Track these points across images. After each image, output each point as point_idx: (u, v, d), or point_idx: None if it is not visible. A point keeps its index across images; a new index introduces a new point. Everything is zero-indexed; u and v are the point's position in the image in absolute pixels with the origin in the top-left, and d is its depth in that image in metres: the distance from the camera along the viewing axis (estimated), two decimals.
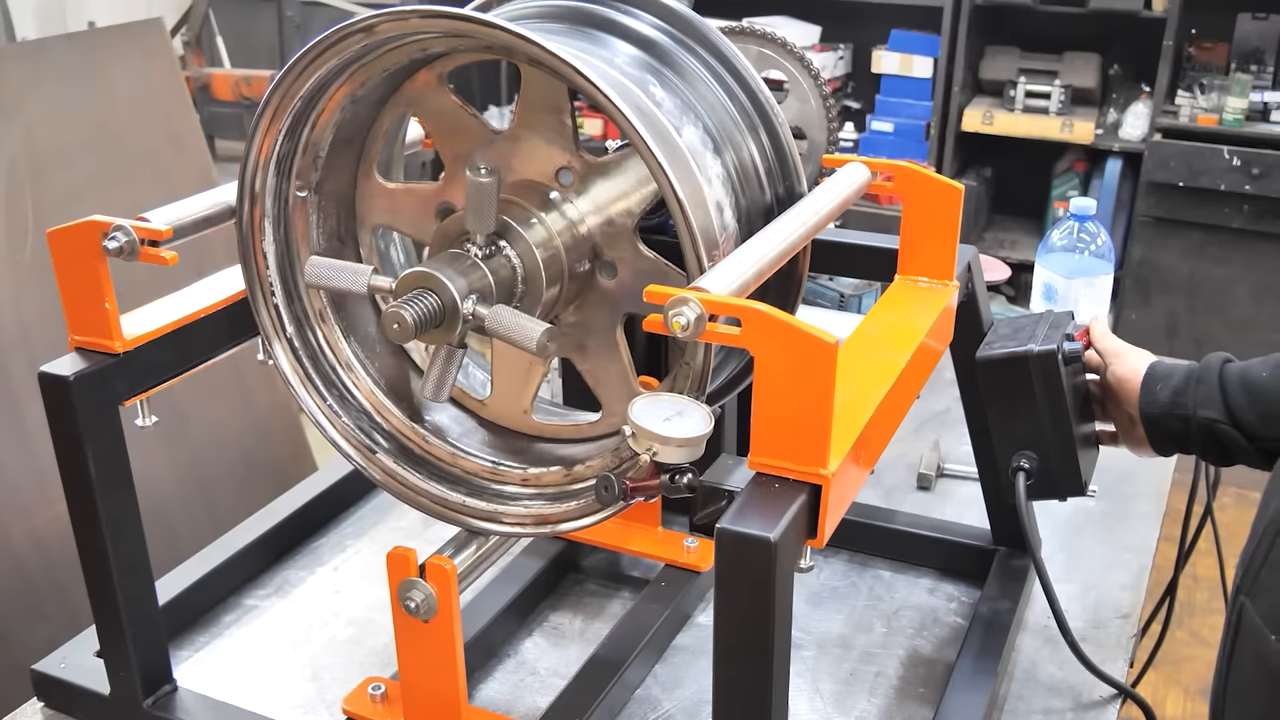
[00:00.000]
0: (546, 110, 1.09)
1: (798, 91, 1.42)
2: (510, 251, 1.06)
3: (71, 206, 2.10)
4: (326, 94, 1.11)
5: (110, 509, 1.18)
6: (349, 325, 1.24)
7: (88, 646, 1.34)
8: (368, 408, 1.24)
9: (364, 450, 1.22)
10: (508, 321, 1.01)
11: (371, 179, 1.22)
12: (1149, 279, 4.14)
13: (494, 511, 1.18)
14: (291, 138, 1.13)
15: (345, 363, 1.24)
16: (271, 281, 1.19)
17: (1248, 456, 1.23)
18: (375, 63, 1.09)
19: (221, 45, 5.40)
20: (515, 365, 1.20)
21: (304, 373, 1.22)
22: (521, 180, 1.12)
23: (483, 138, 1.14)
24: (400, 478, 1.21)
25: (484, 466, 1.21)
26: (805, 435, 0.87)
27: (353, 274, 1.06)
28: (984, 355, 1.31)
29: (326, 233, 1.21)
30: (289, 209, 1.18)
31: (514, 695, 1.35)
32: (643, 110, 1.02)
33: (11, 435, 2.10)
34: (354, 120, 1.17)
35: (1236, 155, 3.87)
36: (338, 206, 1.22)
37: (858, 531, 1.57)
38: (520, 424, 1.24)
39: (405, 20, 1.00)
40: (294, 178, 1.16)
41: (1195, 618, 3.12)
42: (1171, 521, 1.68)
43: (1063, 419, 1.29)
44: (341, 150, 1.18)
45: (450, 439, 1.23)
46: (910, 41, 4.49)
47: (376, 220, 1.24)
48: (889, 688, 1.36)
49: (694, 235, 0.96)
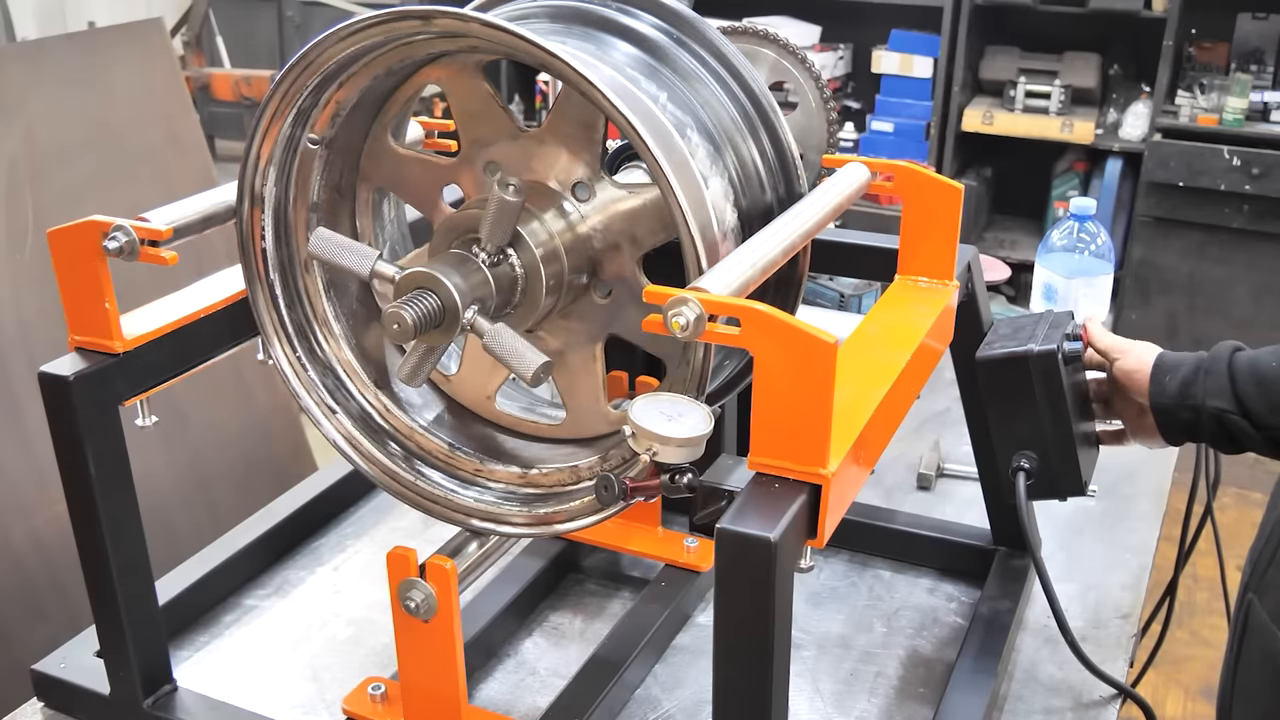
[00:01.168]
0: (578, 123, 1.09)
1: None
2: (516, 261, 1.06)
3: (71, 206, 2.10)
4: (361, 62, 1.10)
5: (110, 509, 1.18)
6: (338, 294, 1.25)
7: (88, 646, 1.34)
8: (336, 367, 1.24)
9: (326, 410, 1.22)
10: (507, 344, 1.01)
11: (382, 140, 1.20)
12: (1149, 279, 4.14)
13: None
14: (317, 95, 1.12)
15: (322, 319, 1.24)
16: (265, 234, 1.18)
17: (1257, 445, 1.22)
18: (391, 54, 1.09)
19: (221, 45, 5.41)
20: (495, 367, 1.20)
21: (281, 326, 1.21)
22: (536, 183, 1.11)
23: (507, 131, 1.13)
24: (364, 449, 1.21)
25: (440, 447, 1.21)
26: (805, 435, 0.87)
27: (358, 255, 1.05)
28: (984, 355, 1.31)
29: (329, 185, 1.20)
30: (297, 157, 1.16)
31: (514, 695, 1.35)
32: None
33: (11, 435, 2.10)
34: (382, 85, 1.16)
35: (1236, 155, 3.87)
36: (343, 159, 1.21)
37: (858, 531, 1.57)
38: (482, 408, 1.24)
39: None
40: (309, 129, 1.15)
41: (1195, 618, 3.12)
42: (1171, 521, 1.68)
43: (1063, 419, 1.29)
44: (361, 109, 1.17)
45: (411, 411, 1.23)
46: (910, 41, 4.49)
47: (380, 182, 1.23)
48: (889, 688, 1.36)
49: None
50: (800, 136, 1.42)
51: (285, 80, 1.08)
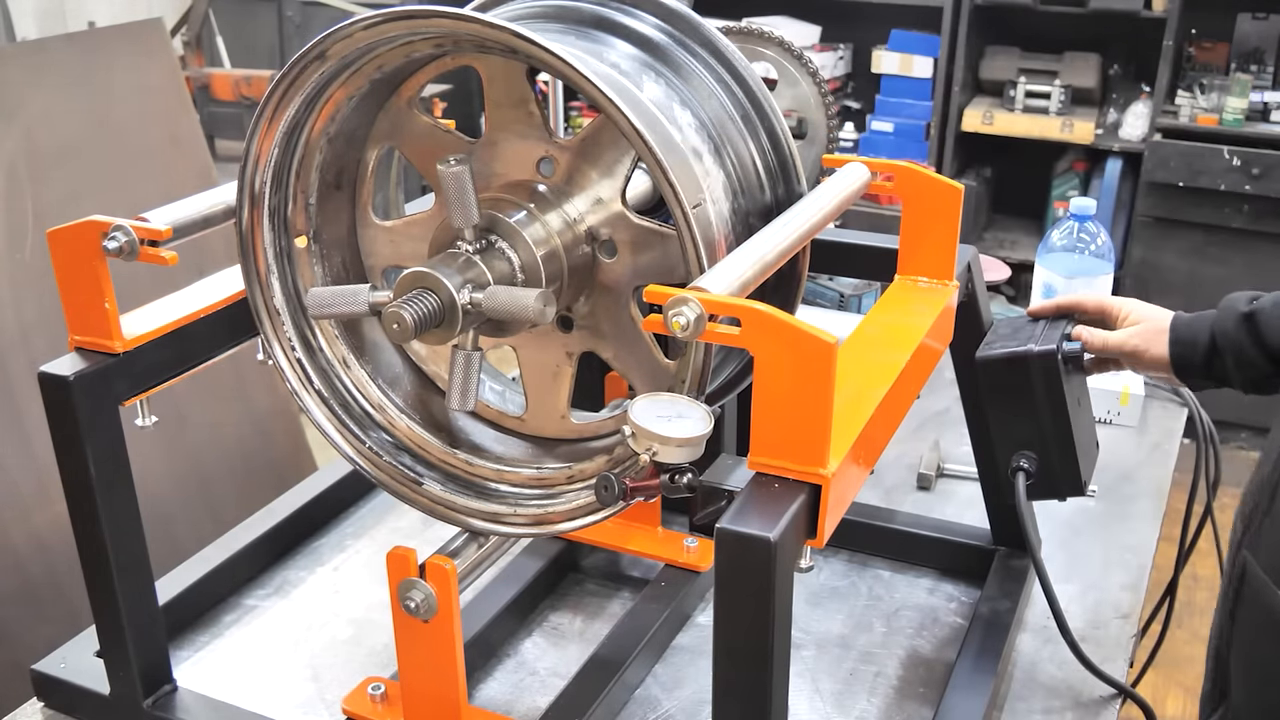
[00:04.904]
0: (512, 105, 1.10)
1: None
2: (503, 244, 1.06)
3: (71, 206, 2.10)
4: (308, 126, 1.11)
5: (110, 509, 1.18)
6: (375, 369, 1.26)
7: (88, 646, 1.34)
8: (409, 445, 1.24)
9: (410, 485, 1.22)
10: (503, 298, 1.01)
11: (369, 224, 1.22)
12: (1149, 279, 4.13)
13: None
14: (279, 189, 1.14)
15: (379, 406, 1.25)
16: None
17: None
18: (362, 70, 1.09)
19: (221, 45, 5.40)
20: (542, 375, 1.20)
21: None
22: (507, 182, 1.12)
23: (461, 149, 1.14)
24: (443, 501, 1.22)
25: (529, 476, 1.21)
26: (805, 435, 0.87)
27: (351, 296, 1.07)
28: (984, 355, 1.31)
29: (333, 277, 1.22)
30: (293, 265, 1.19)
31: (514, 695, 1.35)
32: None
33: (11, 435, 2.10)
34: (338, 161, 1.17)
35: (1236, 155, 3.87)
36: (341, 253, 1.22)
37: (858, 531, 1.57)
38: (560, 430, 1.23)
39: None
40: (288, 231, 1.17)
41: (1195, 618, 3.12)
42: (1171, 521, 1.68)
43: (1063, 419, 1.29)
44: (332, 195, 1.19)
45: (490, 458, 1.23)
46: (910, 41, 4.49)
47: (385, 262, 1.24)
48: (889, 688, 1.36)
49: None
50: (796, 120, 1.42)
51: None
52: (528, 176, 1.12)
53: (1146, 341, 1.30)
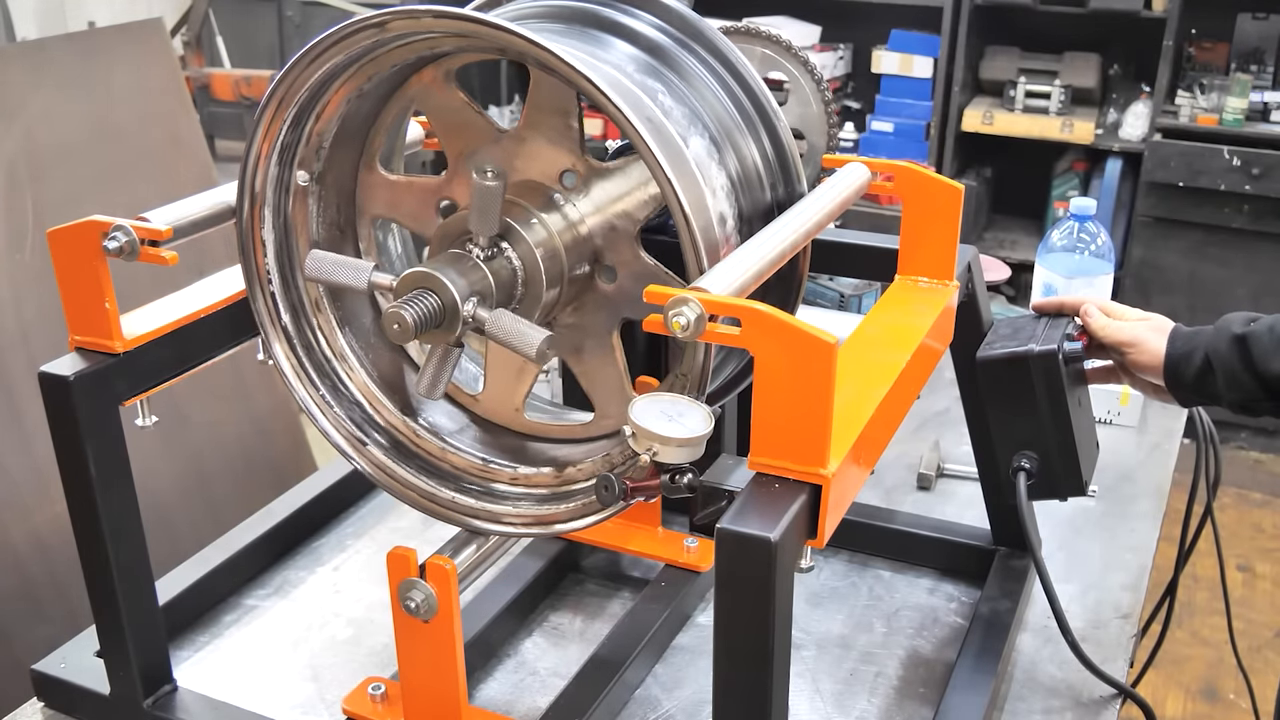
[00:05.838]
0: (554, 113, 1.09)
1: (798, 93, 1.42)
2: (512, 253, 1.06)
3: (71, 206, 2.10)
4: (333, 88, 1.11)
5: (110, 509, 1.18)
6: (344, 317, 1.25)
7: (88, 646, 1.34)
8: (361, 400, 1.24)
9: (355, 443, 1.22)
10: (508, 327, 1.01)
11: (373, 171, 1.21)
12: (1149, 279, 4.13)
13: (492, 511, 1.18)
14: (296, 128, 1.13)
15: (339, 354, 1.24)
16: (269, 270, 1.19)
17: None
18: (383, 59, 1.09)
19: (221, 45, 5.40)
20: (508, 363, 1.20)
21: (298, 362, 1.22)
22: (525, 180, 1.12)
23: (488, 136, 1.13)
24: (390, 471, 1.21)
25: (473, 463, 1.21)
26: (805, 435, 0.87)
27: (354, 270, 1.06)
28: (984, 355, 1.31)
29: (326, 222, 1.21)
30: (290, 198, 1.17)
31: (514, 695, 1.35)
32: (643, 111, 1.02)
33: (11, 435, 2.10)
34: (358, 114, 1.17)
35: (1236, 155, 3.87)
36: (338, 197, 1.21)
37: (858, 531, 1.57)
38: (512, 421, 1.24)
39: (418, 19, 1.00)
40: (296, 167, 1.16)
41: (1195, 618, 3.12)
42: (1171, 521, 1.68)
43: (1063, 419, 1.29)
44: (344, 142, 1.18)
45: (442, 435, 1.23)
46: (910, 41, 4.49)
47: (376, 211, 1.23)
48: (889, 688, 1.36)
49: (695, 238, 0.96)
50: (797, 121, 1.42)
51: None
52: (548, 182, 1.11)
53: (1145, 337, 1.31)
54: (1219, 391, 1.25)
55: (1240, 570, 3.36)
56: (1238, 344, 1.23)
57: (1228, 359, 1.24)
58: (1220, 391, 1.25)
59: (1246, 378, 1.23)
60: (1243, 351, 1.23)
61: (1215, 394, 1.26)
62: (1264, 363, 1.21)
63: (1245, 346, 1.23)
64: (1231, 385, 1.24)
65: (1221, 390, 1.25)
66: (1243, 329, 1.24)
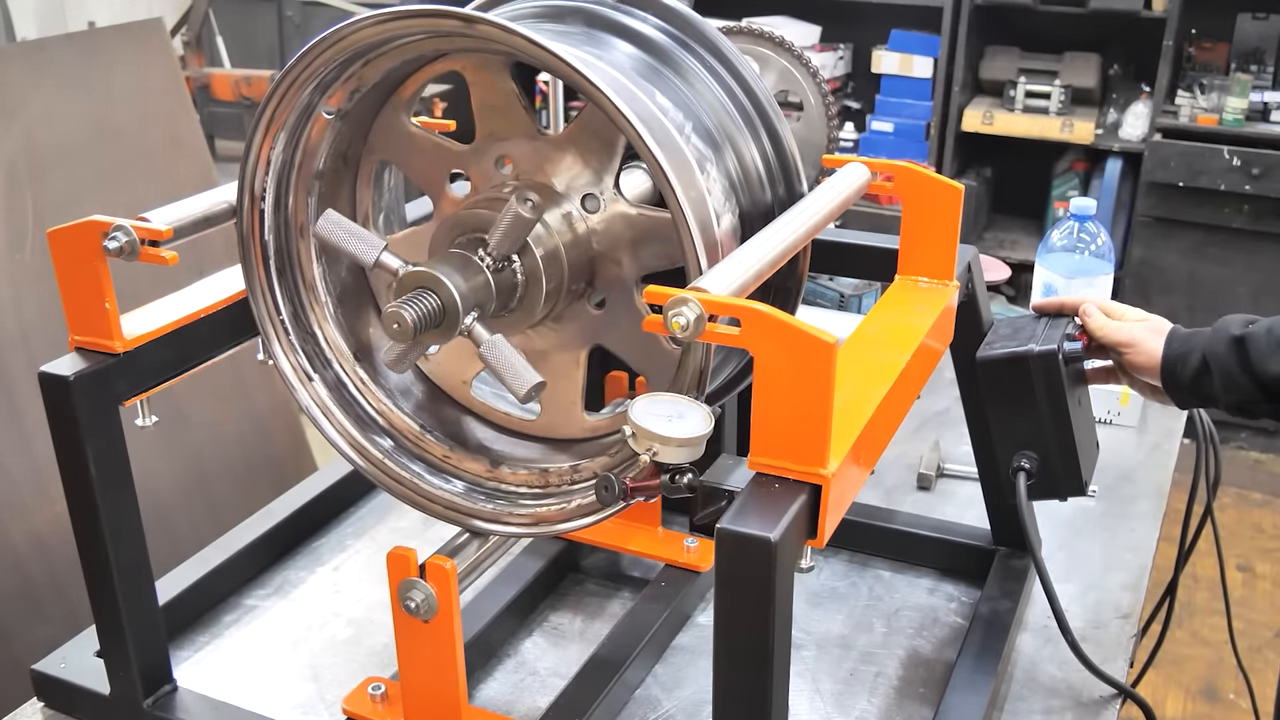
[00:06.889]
0: (598, 138, 1.09)
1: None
2: (519, 267, 1.06)
3: (71, 206, 2.10)
4: (377, 55, 1.10)
5: (110, 509, 1.18)
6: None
7: (88, 646, 1.34)
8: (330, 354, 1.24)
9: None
10: (504, 357, 1.01)
11: (397, 115, 1.20)
12: (1149, 279, 4.13)
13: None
14: (342, 71, 1.11)
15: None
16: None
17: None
18: (394, 53, 1.09)
19: (221, 45, 5.40)
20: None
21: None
22: (547, 185, 1.11)
23: (525, 131, 1.13)
24: (338, 422, 1.22)
25: (411, 428, 1.21)
26: (805, 435, 0.87)
27: (366, 243, 1.05)
28: (984, 355, 1.31)
29: (335, 153, 1.19)
30: (311, 126, 1.15)
31: (514, 695, 1.35)
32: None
33: (11, 435, 2.10)
34: (400, 69, 1.15)
35: (1236, 155, 3.87)
36: (353, 130, 1.20)
37: (858, 531, 1.57)
38: (457, 393, 1.24)
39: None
40: (326, 100, 1.13)
41: (1195, 618, 3.12)
42: (1171, 521, 1.68)
43: (1063, 419, 1.29)
44: (379, 85, 1.17)
45: (395, 396, 1.24)
46: (910, 41, 4.49)
47: (388, 155, 1.22)
48: (889, 688, 1.36)
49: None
50: (801, 136, 1.42)
51: (288, 77, 1.08)
52: (568, 195, 1.11)
53: (1143, 337, 1.31)
54: (1215, 393, 1.25)
55: (1240, 570, 3.36)
56: (1235, 346, 1.23)
57: (1225, 361, 1.24)
58: (1217, 393, 1.25)
59: (1244, 380, 1.23)
60: (1240, 353, 1.23)
61: (1212, 395, 1.26)
62: (1261, 364, 1.21)
63: (1243, 348, 1.23)
64: (1228, 387, 1.24)
65: (1218, 392, 1.25)
66: (1240, 331, 1.24)
